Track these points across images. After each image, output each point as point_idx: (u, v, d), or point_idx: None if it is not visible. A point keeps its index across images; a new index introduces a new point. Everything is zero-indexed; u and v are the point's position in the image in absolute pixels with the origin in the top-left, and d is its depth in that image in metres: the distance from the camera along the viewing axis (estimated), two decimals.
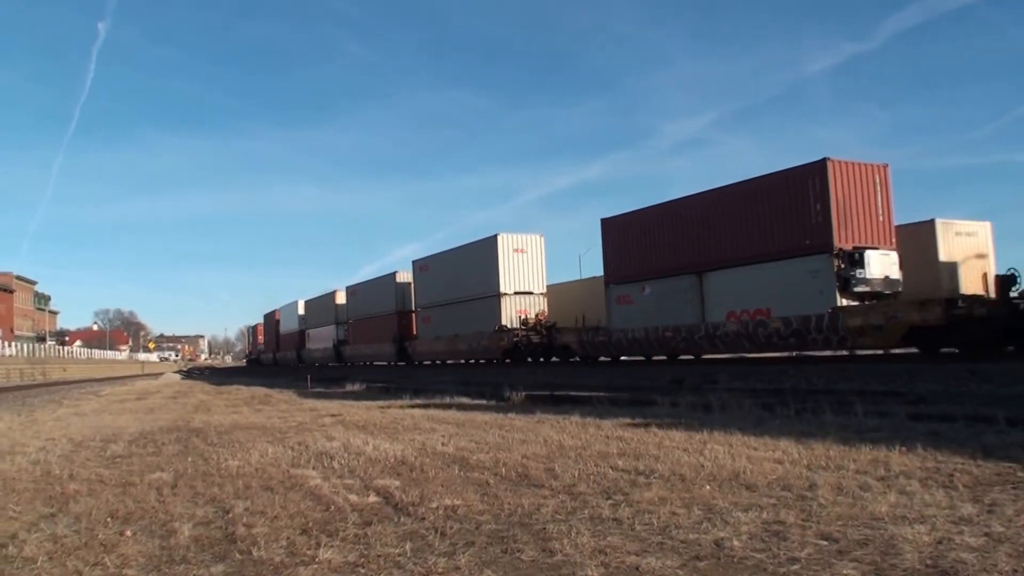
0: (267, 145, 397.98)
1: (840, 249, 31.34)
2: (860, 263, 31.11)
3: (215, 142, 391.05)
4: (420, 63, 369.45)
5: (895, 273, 31.84)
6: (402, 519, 8.01)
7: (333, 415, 21.34)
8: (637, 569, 6.03)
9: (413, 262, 64.22)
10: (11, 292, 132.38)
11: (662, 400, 21.52)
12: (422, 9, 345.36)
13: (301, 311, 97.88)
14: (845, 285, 31.18)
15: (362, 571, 6.20)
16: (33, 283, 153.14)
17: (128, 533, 7.54)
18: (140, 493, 9.81)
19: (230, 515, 8.29)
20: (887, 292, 31.63)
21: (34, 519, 8.35)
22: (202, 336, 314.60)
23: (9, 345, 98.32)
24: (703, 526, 7.27)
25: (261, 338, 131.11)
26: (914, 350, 29.13)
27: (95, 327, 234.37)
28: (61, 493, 9.88)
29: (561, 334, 47.51)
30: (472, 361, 57.14)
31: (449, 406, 23.38)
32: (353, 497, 9.22)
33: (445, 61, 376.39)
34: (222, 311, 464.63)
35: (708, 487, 9.14)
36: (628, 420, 16.76)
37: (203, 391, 42.19)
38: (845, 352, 33.11)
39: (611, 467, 10.77)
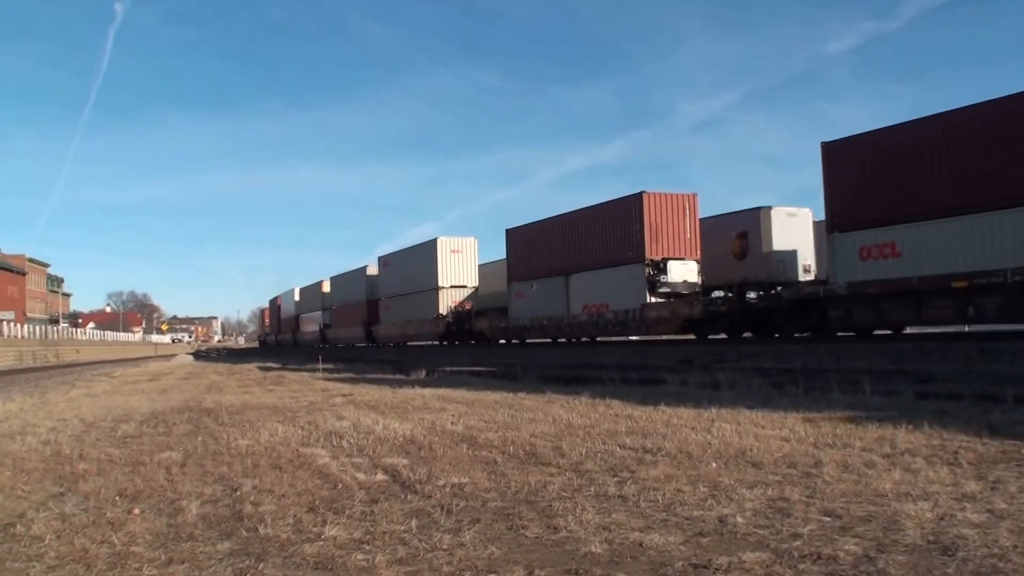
0: (283, 125, 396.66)
1: (650, 259, 40.94)
2: (664, 270, 40.82)
3: (231, 122, 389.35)
4: (437, 43, 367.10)
5: (693, 277, 40.98)
6: (409, 497, 8.06)
7: (344, 395, 21.41)
8: (640, 545, 6.06)
9: (379, 257, 74.51)
10: (23, 274, 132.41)
11: (672, 379, 21.57)
12: None
13: (296, 298, 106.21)
14: (652, 287, 40.92)
15: (367, 548, 6.23)
16: (46, 265, 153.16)
17: (136, 511, 7.58)
18: (149, 472, 9.86)
19: (238, 493, 8.34)
20: (685, 292, 40.66)
21: (43, 499, 8.39)
22: (215, 318, 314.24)
23: (22, 327, 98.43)
24: (708, 503, 7.31)
25: (267, 321, 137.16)
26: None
27: (108, 309, 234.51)
28: (71, 473, 9.92)
29: (477, 321, 58.51)
30: (419, 343, 68.18)
31: (460, 385, 23.44)
32: (361, 475, 9.27)
33: (462, 41, 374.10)
34: (235, 293, 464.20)
35: (714, 465, 9.18)
36: (638, 399, 16.79)
37: (215, 372, 42.32)
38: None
39: (619, 445, 10.82)
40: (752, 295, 38.62)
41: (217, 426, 14.72)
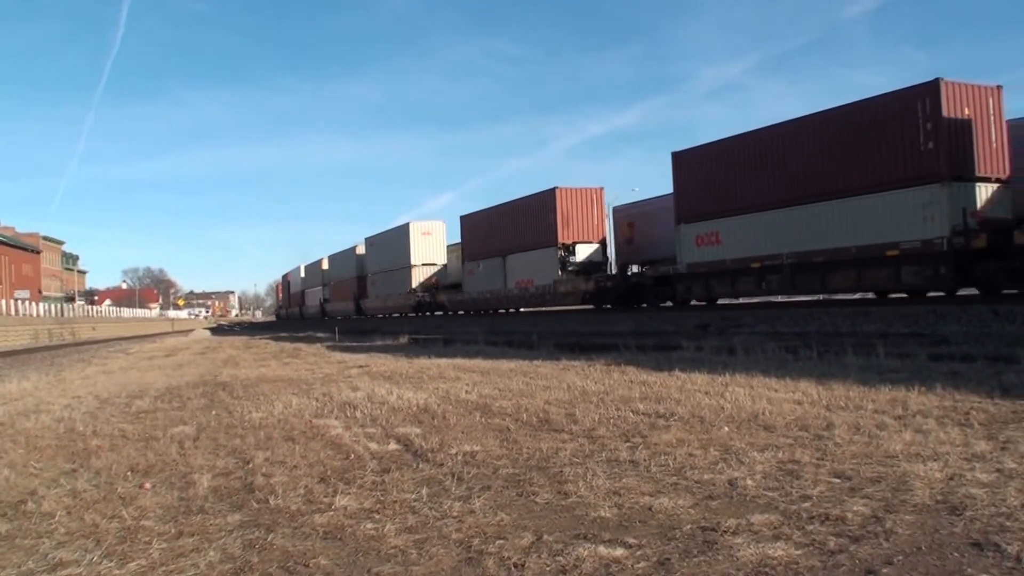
0: (299, 97, 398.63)
1: (562, 243, 49.44)
2: (573, 252, 49.54)
3: (246, 95, 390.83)
4: (453, 12, 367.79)
5: (598, 257, 49.66)
6: (420, 465, 8.09)
7: (360, 366, 21.45)
8: (650, 509, 6.08)
9: (365, 239, 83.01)
10: (38, 253, 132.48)
11: (687, 345, 21.55)
12: None
13: (302, 274, 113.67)
14: (563, 266, 49.57)
15: (377, 517, 6.25)
16: (60, 243, 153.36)
17: (148, 486, 7.61)
18: (162, 447, 9.89)
19: (250, 465, 8.37)
20: (596, 270, 48.84)
21: (55, 475, 8.42)
22: (232, 292, 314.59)
23: (37, 306, 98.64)
24: (718, 466, 7.32)
25: (280, 295, 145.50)
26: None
27: (124, 286, 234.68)
28: (83, 449, 9.95)
29: (439, 294, 67.23)
30: (396, 315, 76.18)
31: (476, 354, 23.46)
32: (373, 445, 9.29)
33: (478, 9, 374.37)
34: (252, 267, 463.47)
35: (726, 428, 9.19)
36: (652, 365, 16.80)
37: (232, 346, 42.37)
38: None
39: (632, 411, 10.83)
40: (633, 271, 47.74)
41: (232, 400, 14.77)
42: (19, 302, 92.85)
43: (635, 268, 47.96)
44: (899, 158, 29.82)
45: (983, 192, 28.98)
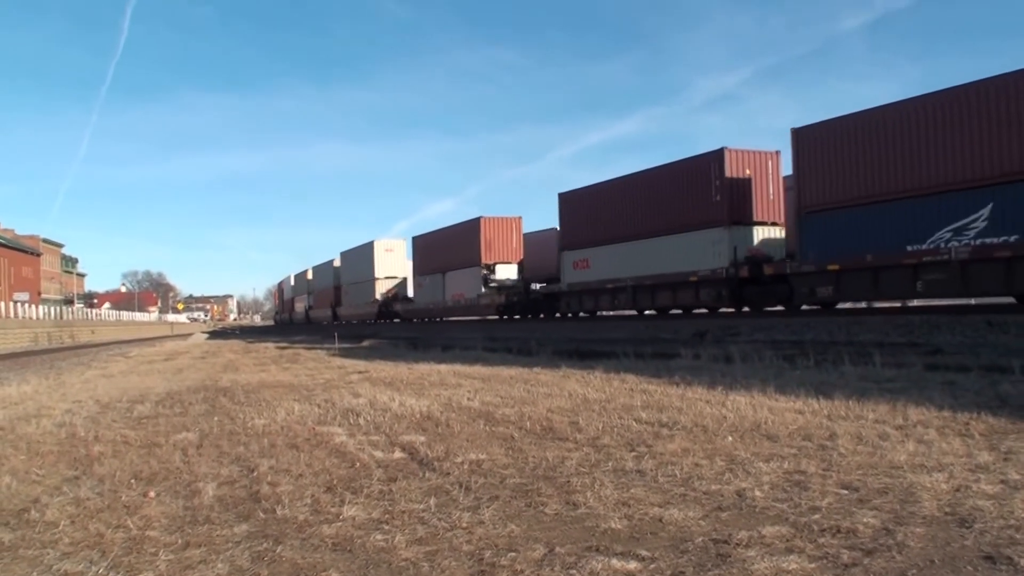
0: (301, 103, 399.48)
1: (485, 264, 58.98)
2: (493, 271, 59.00)
3: (249, 101, 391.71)
4: (455, 20, 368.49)
5: (515, 275, 59.03)
6: (427, 474, 8.06)
7: (360, 372, 21.44)
8: (660, 520, 6.07)
9: (340, 253, 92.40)
10: (38, 255, 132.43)
11: (685, 353, 21.57)
12: None
13: (292, 283, 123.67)
14: (485, 283, 59.10)
15: (386, 527, 6.22)
16: (60, 245, 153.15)
17: (152, 494, 7.55)
18: (165, 454, 9.84)
19: (255, 474, 8.33)
20: (508, 286, 58.61)
21: (57, 482, 8.34)
22: (231, 296, 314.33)
23: (37, 308, 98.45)
24: (725, 477, 7.32)
25: (276, 301, 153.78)
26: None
27: (123, 289, 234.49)
28: (86, 455, 9.88)
29: (394, 304, 76.66)
30: (368, 321, 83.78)
31: (476, 361, 23.44)
32: (378, 453, 9.27)
33: (479, 17, 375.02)
34: (251, 271, 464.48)
35: (730, 438, 9.19)
36: (652, 373, 16.81)
37: (232, 350, 42.36)
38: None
39: (635, 420, 10.83)
40: (535, 287, 57.42)
41: (233, 405, 14.72)
42: (18, 304, 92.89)
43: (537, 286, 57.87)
44: (698, 206, 39.47)
45: (759, 233, 38.49)
